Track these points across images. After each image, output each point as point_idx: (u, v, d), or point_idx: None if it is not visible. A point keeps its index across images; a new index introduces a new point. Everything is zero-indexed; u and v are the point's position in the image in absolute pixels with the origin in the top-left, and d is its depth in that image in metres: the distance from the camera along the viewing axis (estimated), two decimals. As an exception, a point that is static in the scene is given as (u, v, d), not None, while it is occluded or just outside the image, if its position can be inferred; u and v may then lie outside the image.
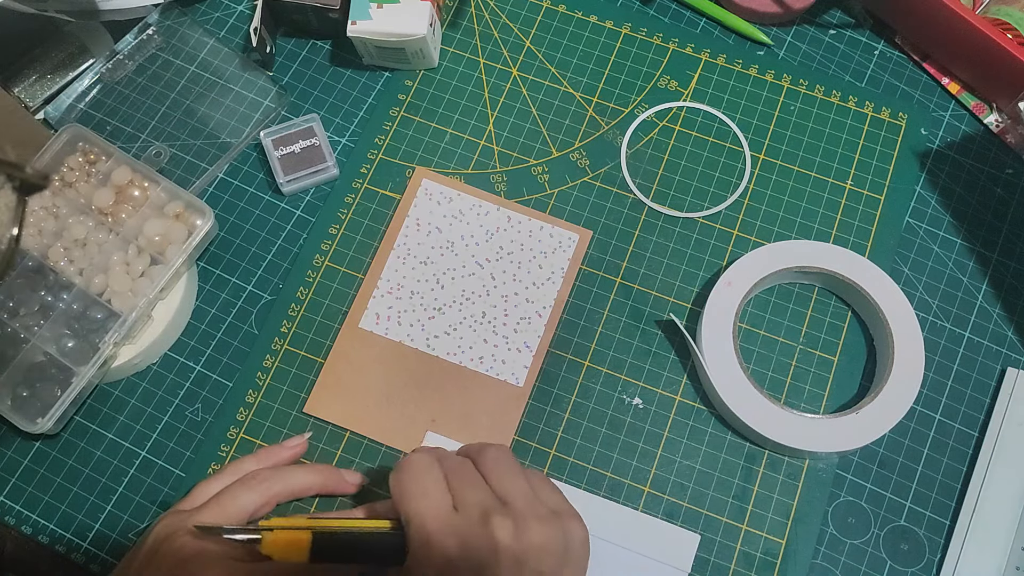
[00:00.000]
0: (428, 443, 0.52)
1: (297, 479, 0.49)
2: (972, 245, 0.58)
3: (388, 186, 0.59)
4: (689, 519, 0.51)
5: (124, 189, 0.55)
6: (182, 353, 0.55)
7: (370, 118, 0.61)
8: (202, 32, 0.63)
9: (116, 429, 0.54)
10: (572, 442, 0.53)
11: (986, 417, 0.53)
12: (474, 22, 0.64)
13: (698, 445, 0.53)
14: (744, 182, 0.59)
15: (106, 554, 0.51)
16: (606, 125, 0.61)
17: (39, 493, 0.52)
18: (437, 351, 0.54)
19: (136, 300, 0.52)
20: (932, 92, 0.62)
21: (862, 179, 0.59)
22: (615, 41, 0.63)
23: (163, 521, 0.45)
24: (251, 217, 0.59)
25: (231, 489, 0.47)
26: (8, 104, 0.54)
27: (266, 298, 0.57)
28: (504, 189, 0.59)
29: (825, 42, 0.64)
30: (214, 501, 0.46)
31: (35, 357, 0.52)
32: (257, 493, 0.47)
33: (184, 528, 0.43)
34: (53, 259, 0.53)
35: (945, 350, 0.55)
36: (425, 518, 0.40)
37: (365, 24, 0.58)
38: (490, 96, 0.62)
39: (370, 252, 0.57)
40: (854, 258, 0.55)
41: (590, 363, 0.55)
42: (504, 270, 0.56)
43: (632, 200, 0.59)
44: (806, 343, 0.55)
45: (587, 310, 0.56)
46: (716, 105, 0.61)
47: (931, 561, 0.51)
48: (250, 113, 0.61)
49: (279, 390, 0.54)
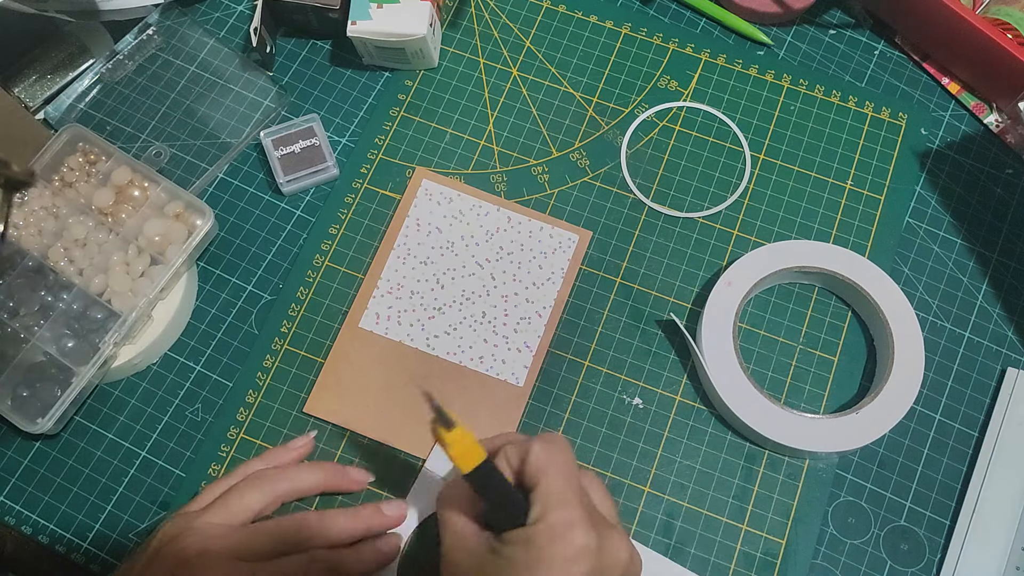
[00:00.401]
0: (435, 454, 0.52)
1: (302, 478, 0.49)
2: (972, 245, 0.58)
3: (388, 186, 0.59)
4: (689, 519, 0.51)
5: (124, 189, 0.55)
6: (182, 353, 0.55)
7: (370, 118, 0.61)
8: (202, 32, 0.63)
9: (116, 429, 0.54)
10: (572, 442, 0.53)
11: (986, 417, 0.53)
12: (474, 22, 0.64)
13: (698, 445, 0.53)
14: (744, 182, 0.59)
15: (106, 554, 0.51)
16: (606, 125, 0.61)
17: (39, 493, 0.52)
18: (437, 351, 0.54)
19: (136, 300, 0.52)
20: (932, 92, 0.62)
21: (862, 179, 0.59)
22: (615, 41, 0.63)
23: (168, 523, 0.45)
24: (251, 217, 0.59)
25: (237, 488, 0.47)
26: (8, 104, 0.54)
27: (266, 298, 0.57)
28: (504, 189, 0.59)
29: (825, 42, 0.64)
30: (220, 501, 0.46)
31: (35, 357, 0.52)
32: (261, 492, 0.47)
33: (189, 528, 0.44)
34: (53, 259, 0.53)
35: (945, 350, 0.55)
36: (562, 501, 0.39)
37: (365, 24, 0.58)
38: (490, 96, 0.62)
39: (370, 252, 0.57)
40: (854, 258, 0.55)
41: (590, 363, 0.55)
42: (504, 270, 0.56)
43: (632, 200, 0.59)
44: (806, 343, 0.55)
45: (587, 310, 0.56)
46: (716, 105, 0.61)
47: (931, 561, 0.51)
48: (250, 113, 0.61)
49: (279, 390, 0.54)
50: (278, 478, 0.48)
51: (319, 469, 0.50)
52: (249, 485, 0.47)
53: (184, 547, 0.43)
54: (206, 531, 0.44)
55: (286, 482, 0.48)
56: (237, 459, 0.52)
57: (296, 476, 0.49)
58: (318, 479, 0.50)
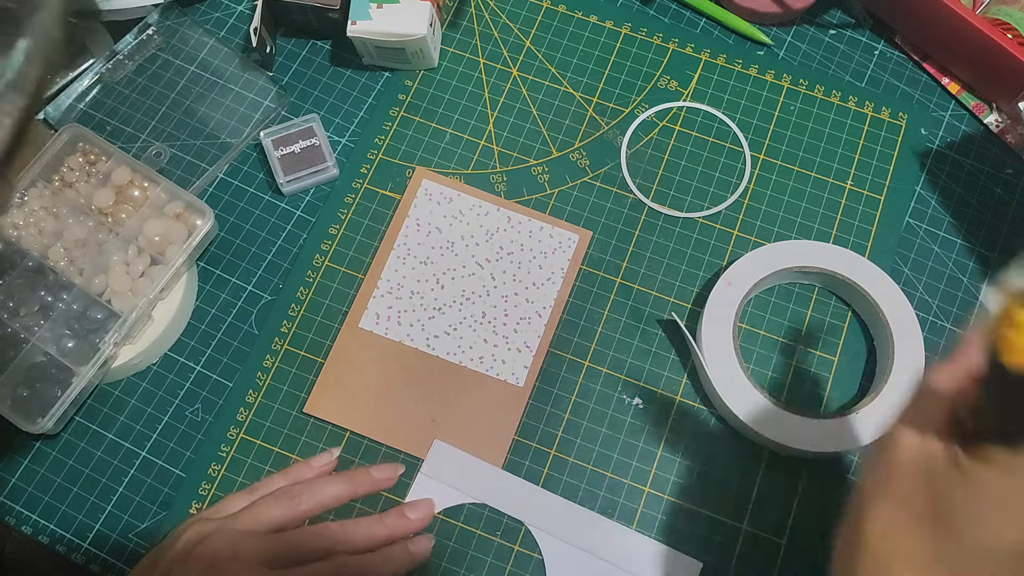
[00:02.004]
0: (435, 451, 0.52)
1: (327, 493, 0.49)
2: (972, 245, 0.58)
3: (388, 186, 0.59)
4: (689, 519, 0.51)
5: (124, 189, 0.55)
6: (182, 353, 0.55)
7: (370, 118, 0.61)
8: (202, 32, 0.63)
9: (116, 429, 0.54)
10: (572, 442, 0.53)
11: (986, 417, 0.53)
12: (474, 22, 0.64)
13: (698, 445, 0.53)
14: (744, 182, 0.59)
15: (106, 554, 0.51)
16: (606, 125, 0.61)
17: (39, 493, 0.52)
18: (437, 351, 0.54)
19: (136, 300, 0.52)
20: (932, 92, 0.62)
21: (862, 179, 0.59)
22: (615, 41, 0.63)
23: (193, 527, 0.45)
24: (251, 217, 0.59)
25: (264, 501, 0.48)
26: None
27: (266, 298, 0.57)
28: (504, 189, 0.59)
29: (825, 42, 0.64)
30: (247, 511, 0.47)
31: (35, 357, 0.52)
32: (286, 508, 0.47)
33: (218, 532, 0.44)
34: (53, 259, 0.53)
35: (945, 350, 0.55)
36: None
37: (365, 24, 0.58)
38: (490, 96, 0.62)
39: (370, 252, 0.57)
40: (854, 258, 0.55)
41: (590, 363, 0.55)
42: (504, 270, 0.56)
43: (632, 200, 0.59)
44: (806, 343, 0.55)
45: (587, 310, 0.56)
46: (716, 105, 0.61)
47: (931, 561, 0.51)
48: (250, 113, 0.61)
49: (279, 390, 0.54)
50: (304, 495, 0.48)
51: (344, 481, 0.50)
52: (276, 500, 0.48)
53: (217, 550, 0.43)
54: (236, 536, 0.45)
55: (312, 500, 0.48)
56: (237, 459, 0.52)
57: (320, 492, 0.49)
58: (343, 491, 0.50)
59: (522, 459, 0.52)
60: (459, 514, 0.51)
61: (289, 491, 0.48)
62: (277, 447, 0.53)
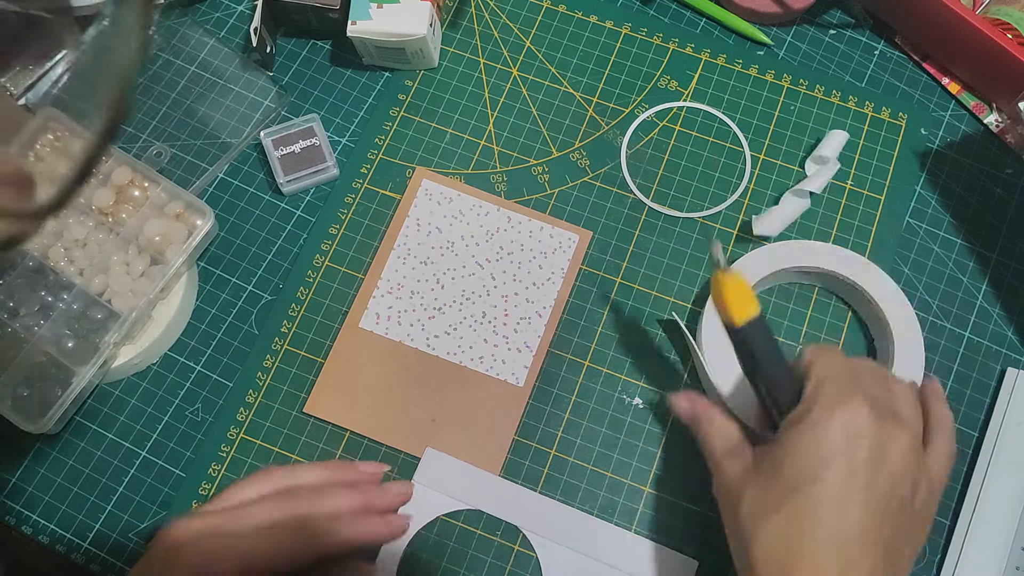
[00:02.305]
0: (427, 459, 0.51)
1: (325, 504, 0.45)
2: (972, 245, 0.58)
3: (388, 186, 0.59)
4: (689, 519, 0.51)
5: (124, 189, 0.55)
6: (182, 353, 0.55)
7: (370, 118, 0.61)
8: (202, 32, 0.63)
9: (116, 429, 0.54)
10: (572, 442, 0.53)
11: (986, 417, 0.53)
12: (474, 22, 0.64)
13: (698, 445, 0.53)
14: (744, 182, 0.59)
15: (106, 554, 0.51)
16: (606, 125, 0.61)
17: (39, 493, 0.52)
18: (437, 351, 0.54)
19: (136, 300, 0.52)
20: (932, 92, 0.62)
21: (862, 179, 0.59)
22: (615, 41, 0.63)
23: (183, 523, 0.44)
24: (251, 217, 0.59)
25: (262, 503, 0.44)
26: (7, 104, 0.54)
27: (266, 298, 0.57)
28: (504, 189, 0.59)
29: (825, 42, 0.64)
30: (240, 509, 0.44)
31: (35, 357, 0.52)
32: (282, 512, 0.43)
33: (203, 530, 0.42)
34: (53, 259, 0.53)
35: (945, 350, 0.55)
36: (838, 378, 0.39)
37: (365, 24, 0.58)
38: (490, 96, 0.62)
39: (370, 252, 0.57)
40: (854, 258, 0.55)
41: (590, 363, 0.55)
42: (504, 270, 0.56)
43: (632, 200, 0.59)
44: (806, 343, 0.55)
45: (587, 310, 0.56)
46: (716, 105, 0.61)
47: (931, 561, 0.51)
48: (250, 113, 0.61)
49: (279, 390, 0.54)
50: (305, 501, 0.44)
51: (352, 496, 0.46)
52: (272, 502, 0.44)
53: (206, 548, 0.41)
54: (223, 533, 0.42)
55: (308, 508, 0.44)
56: (237, 459, 0.52)
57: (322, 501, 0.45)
58: (351, 504, 0.46)
59: (522, 459, 0.52)
60: (459, 515, 0.51)
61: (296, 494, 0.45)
62: (277, 447, 0.53)
